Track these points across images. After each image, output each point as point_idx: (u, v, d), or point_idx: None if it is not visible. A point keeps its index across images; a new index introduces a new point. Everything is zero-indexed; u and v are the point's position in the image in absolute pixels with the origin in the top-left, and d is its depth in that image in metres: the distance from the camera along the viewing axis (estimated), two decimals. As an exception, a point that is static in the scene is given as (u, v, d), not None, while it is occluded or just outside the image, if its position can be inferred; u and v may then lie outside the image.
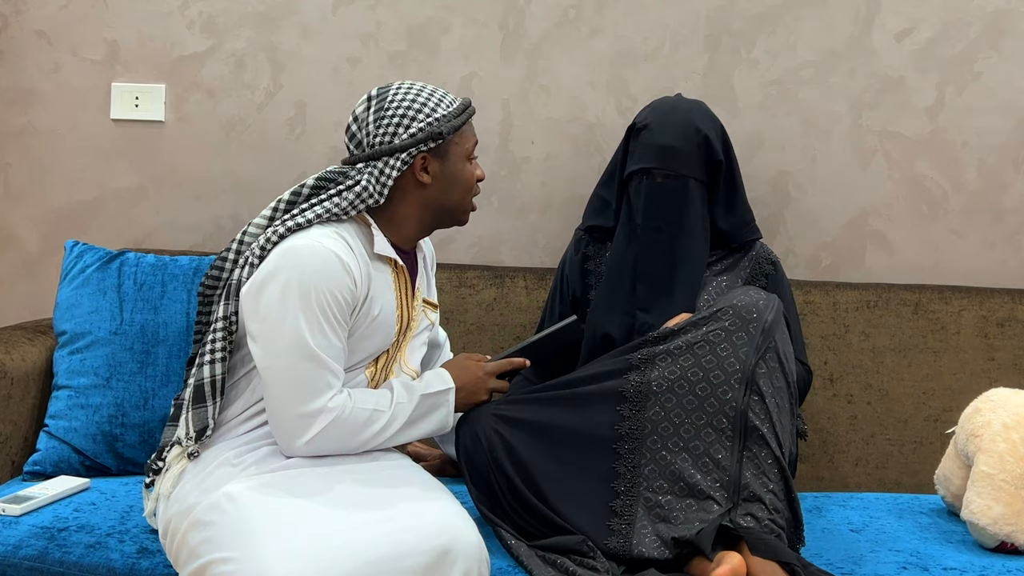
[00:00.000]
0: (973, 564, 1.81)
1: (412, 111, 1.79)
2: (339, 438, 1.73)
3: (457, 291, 2.41)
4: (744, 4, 2.46)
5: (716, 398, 1.80)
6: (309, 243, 1.72)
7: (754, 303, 1.85)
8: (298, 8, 2.57)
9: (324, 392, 1.71)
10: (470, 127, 1.87)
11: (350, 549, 1.53)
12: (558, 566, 1.73)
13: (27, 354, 2.19)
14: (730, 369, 1.80)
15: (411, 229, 1.86)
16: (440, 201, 1.84)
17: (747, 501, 1.76)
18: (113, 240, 2.62)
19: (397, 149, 1.78)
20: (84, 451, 2.11)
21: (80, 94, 2.65)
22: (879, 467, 2.29)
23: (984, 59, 2.41)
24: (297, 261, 1.70)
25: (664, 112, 2.11)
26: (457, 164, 1.84)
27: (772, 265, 2.16)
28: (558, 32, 2.51)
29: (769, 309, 1.85)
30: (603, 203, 2.19)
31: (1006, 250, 2.45)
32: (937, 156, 2.44)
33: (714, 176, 2.10)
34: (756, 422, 1.79)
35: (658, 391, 1.83)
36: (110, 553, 1.78)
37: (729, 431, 1.79)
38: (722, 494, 1.77)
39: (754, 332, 1.82)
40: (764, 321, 1.83)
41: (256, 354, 1.72)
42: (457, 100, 1.85)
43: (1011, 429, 1.89)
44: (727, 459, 1.79)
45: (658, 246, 2.07)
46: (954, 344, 2.30)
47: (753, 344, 1.81)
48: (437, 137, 1.78)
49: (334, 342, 1.72)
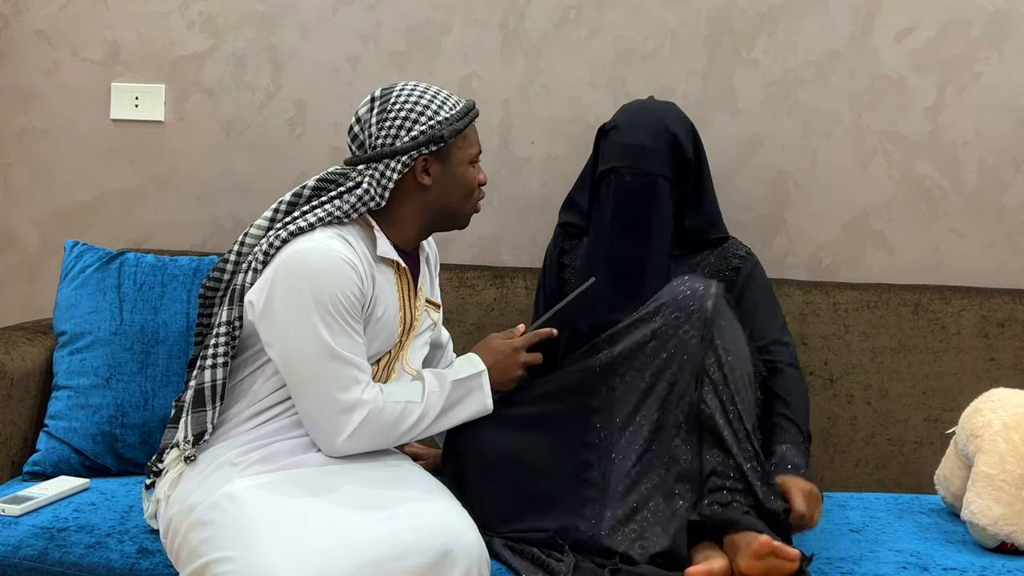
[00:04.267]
0: (973, 564, 1.81)
1: (415, 113, 1.78)
2: (378, 431, 1.74)
3: (457, 291, 2.41)
4: (744, 4, 2.46)
5: (673, 395, 1.83)
6: (314, 246, 1.72)
7: (693, 292, 1.86)
8: (298, 8, 2.57)
9: (354, 387, 1.71)
10: (473, 131, 1.86)
11: (350, 549, 1.53)
12: (524, 554, 1.76)
13: (27, 354, 2.19)
14: (680, 364, 1.83)
15: (411, 231, 1.86)
16: (440, 204, 1.84)
17: (711, 491, 1.78)
18: (113, 240, 2.62)
19: (399, 151, 1.77)
20: (84, 451, 2.11)
21: (80, 94, 2.65)
22: (879, 467, 2.29)
23: (984, 59, 2.41)
24: (305, 265, 1.70)
25: (633, 112, 2.12)
26: (459, 167, 1.83)
27: (741, 259, 2.12)
28: (558, 32, 2.51)
29: (708, 296, 1.85)
30: (575, 207, 2.21)
31: (1006, 250, 2.45)
32: (937, 156, 2.44)
33: (683, 175, 2.09)
34: (709, 412, 1.80)
35: (622, 396, 1.87)
36: (110, 553, 1.78)
37: (685, 426, 1.82)
38: (685, 487, 1.80)
39: (698, 323, 1.83)
40: (705, 310, 1.84)
41: (280, 363, 1.73)
42: (461, 102, 1.84)
43: (1011, 429, 1.89)
44: (686, 454, 1.81)
45: (628, 244, 2.07)
46: (954, 344, 2.30)
47: (698, 335, 1.83)
48: (439, 140, 1.78)
49: (356, 339, 1.73)
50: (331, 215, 1.77)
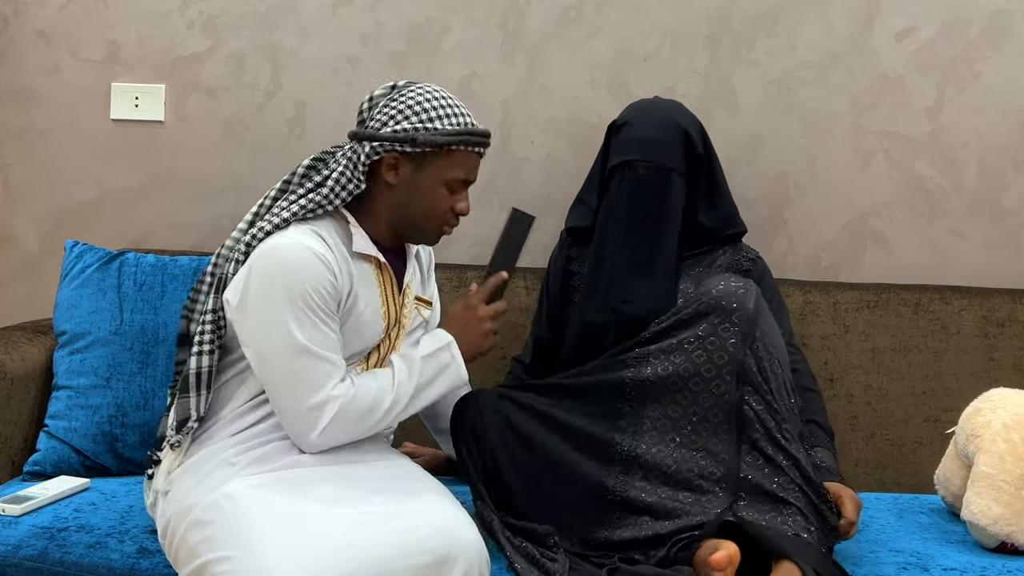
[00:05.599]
0: (973, 564, 1.81)
1: (411, 111, 1.77)
2: (353, 423, 1.73)
3: (457, 291, 2.41)
4: (744, 4, 2.46)
5: (710, 392, 1.82)
6: (286, 241, 1.72)
7: (733, 292, 1.85)
8: (298, 8, 2.57)
9: (325, 383, 1.70)
10: (466, 157, 1.79)
11: (350, 550, 1.53)
12: (521, 549, 1.76)
13: (27, 354, 2.19)
14: (720, 362, 1.81)
15: (384, 227, 1.84)
16: (403, 209, 1.81)
17: (751, 494, 1.77)
18: (113, 240, 2.62)
19: (377, 138, 1.76)
20: (84, 451, 2.11)
21: (80, 94, 2.65)
22: (879, 467, 2.29)
23: (984, 59, 2.41)
24: (278, 262, 1.70)
25: (644, 109, 2.13)
26: (430, 182, 1.78)
27: (751, 262, 2.14)
28: (558, 32, 2.51)
29: (749, 298, 1.85)
30: (583, 205, 2.20)
31: (1006, 250, 2.45)
32: (937, 156, 2.44)
33: (695, 170, 2.10)
34: (751, 414, 1.79)
35: (652, 387, 1.85)
36: (110, 553, 1.78)
37: (725, 424, 1.81)
38: (721, 486, 1.78)
39: (739, 322, 1.82)
40: (747, 310, 1.83)
41: (252, 359, 1.73)
42: (468, 125, 1.79)
43: (1011, 429, 1.89)
44: (725, 451, 1.80)
45: (640, 238, 2.06)
46: (954, 344, 2.30)
47: (739, 335, 1.82)
48: (412, 143, 1.75)
49: (327, 333, 1.72)
50: (305, 208, 1.77)
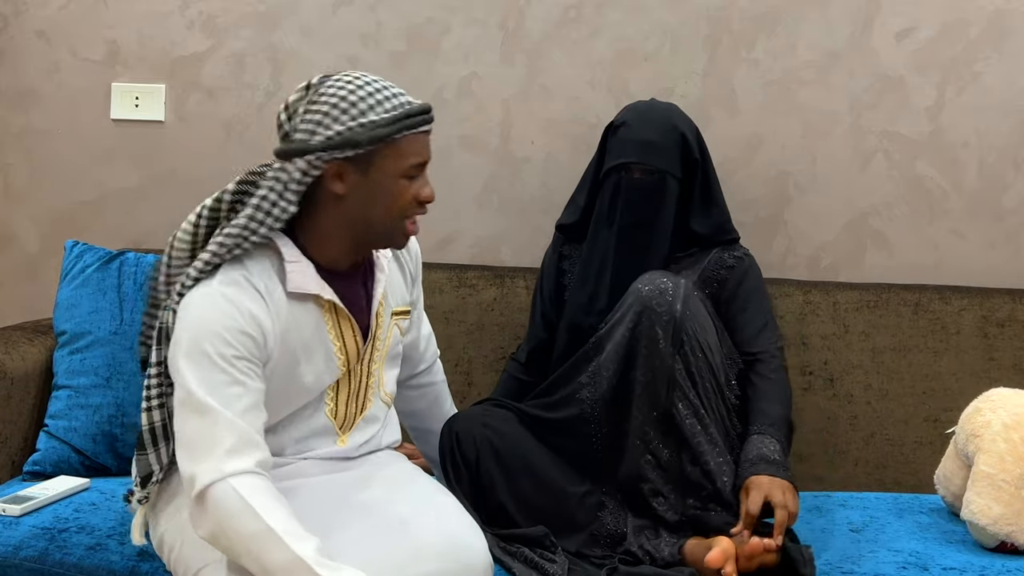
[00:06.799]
0: (973, 564, 1.81)
1: (337, 110, 1.54)
2: (233, 532, 1.46)
3: (457, 291, 2.41)
4: (744, 4, 2.46)
5: (649, 398, 1.86)
6: (203, 291, 1.55)
7: (661, 294, 1.86)
8: (298, 8, 2.57)
9: (210, 453, 1.45)
10: (415, 140, 1.57)
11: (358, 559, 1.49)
12: (517, 555, 1.77)
13: (27, 354, 2.19)
14: (655, 369, 1.85)
15: (336, 249, 1.62)
16: (361, 219, 1.59)
17: (690, 496, 1.87)
18: (113, 240, 2.62)
19: (309, 150, 1.53)
20: (84, 451, 2.11)
21: (80, 94, 2.65)
22: (879, 467, 2.29)
23: (984, 59, 2.41)
24: (189, 315, 1.53)
25: (642, 111, 2.13)
26: (383, 179, 1.56)
27: (737, 259, 2.12)
28: (558, 32, 2.51)
29: (677, 299, 1.86)
30: (573, 203, 2.21)
31: (1006, 250, 2.45)
32: (937, 156, 2.44)
33: (690, 175, 2.10)
34: (679, 418, 1.85)
35: (611, 401, 1.89)
36: (110, 555, 1.78)
37: (664, 429, 1.86)
38: (669, 488, 1.86)
39: (667, 326, 1.84)
40: (674, 312, 1.85)
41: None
42: (404, 105, 1.57)
43: (1011, 429, 1.89)
44: (668, 456, 1.86)
45: (634, 242, 2.07)
46: (954, 344, 2.30)
47: (668, 340, 1.84)
48: (354, 145, 1.52)
49: (237, 377, 1.50)
50: (225, 247, 1.55)
